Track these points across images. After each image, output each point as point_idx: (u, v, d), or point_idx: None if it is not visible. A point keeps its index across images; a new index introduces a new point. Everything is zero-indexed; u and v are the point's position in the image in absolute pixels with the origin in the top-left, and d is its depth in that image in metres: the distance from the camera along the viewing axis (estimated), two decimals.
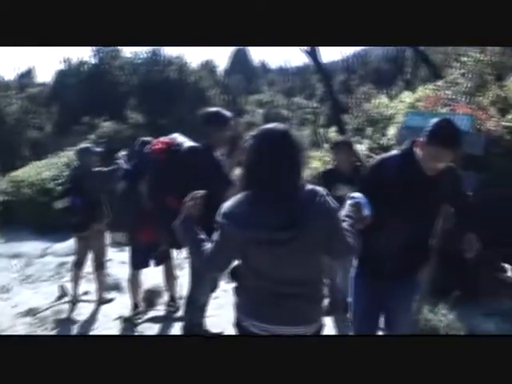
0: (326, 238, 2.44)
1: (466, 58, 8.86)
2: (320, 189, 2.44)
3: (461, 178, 3.30)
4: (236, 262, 2.58)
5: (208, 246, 2.48)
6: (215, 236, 2.46)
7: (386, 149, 8.87)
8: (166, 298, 6.14)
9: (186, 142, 4.40)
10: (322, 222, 2.38)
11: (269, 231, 2.30)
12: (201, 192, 2.66)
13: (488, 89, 7.73)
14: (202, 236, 2.55)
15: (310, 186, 2.44)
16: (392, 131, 8.92)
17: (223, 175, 4.15)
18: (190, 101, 22.96)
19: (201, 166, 4.15)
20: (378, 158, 3.32)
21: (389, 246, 3.16)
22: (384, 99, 11.24)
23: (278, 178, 2.35)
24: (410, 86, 18.71)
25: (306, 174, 2.55)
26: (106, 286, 6.71)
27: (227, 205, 2.44)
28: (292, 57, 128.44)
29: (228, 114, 4.45)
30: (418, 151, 3.08)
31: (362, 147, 9.03)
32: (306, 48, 8.54)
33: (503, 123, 6.29)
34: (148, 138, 5.09)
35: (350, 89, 23.85)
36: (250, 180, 2.43)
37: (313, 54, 8.94)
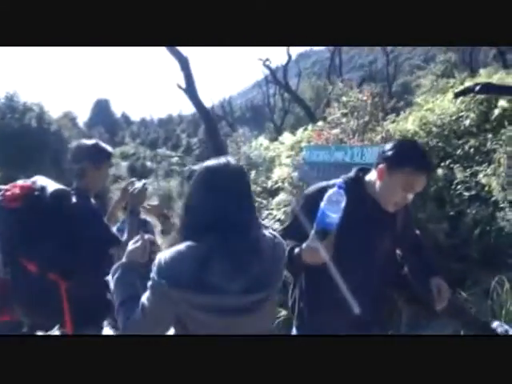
0: None
1: (346, 98, 8.81)
2: (279, 236, 1.98)
3: (411, 213, 2.74)
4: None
5: (136, 310, 1.84)
6: (145, 300, 1.81)
7: (273, 192, 8.52)
8: None
9: (51, 185, 3.35)
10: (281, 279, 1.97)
11: (227, 294, 1.76)
12: (150, 236, 2.15)
13: (374, 126, 7.69)
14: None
15: (269, 232, 1.94)
16: (277, 173, 8.57)
17: (103, 228, 3.20)
18: (53, 151, 21.35)
19: (71, 216, 3.14)
20: (315, 185, 2.64)
21: (339, 295, 2.42)
22: (263, 141, 10.91)
23: (239, 222, 1.81)
24: (280, 132, 18.91)
25: None
26: None
27: (164, 258, 1.79)
28: (154, 108, 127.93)
29: (108, 148, 3.54)
30: (372, 181, 2.48)
31: None
32: (184, 87, 8.20)
33: None
34: (3, 186, 3.95)
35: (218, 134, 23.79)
36: (197, 226, 1.84)
37: (192, 95, 8.48)
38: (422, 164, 2.37)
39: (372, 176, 2.51)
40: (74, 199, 3.17)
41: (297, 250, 2.36)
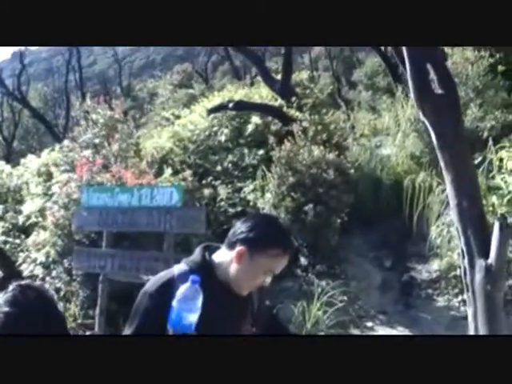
0: None
1: (95, 116, 8.24)
2: None
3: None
4: None
5: None
6: None
7: (26, 230, 7.47)
8: None
9: None
10: None
11: None
12: None
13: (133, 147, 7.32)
14: None
15: None
16: (29, 207, 7.57)
17: None
18: None
19: None
20: (156, 280, 2.18)
21: None
22: (3, 166, 9.59)
23: None
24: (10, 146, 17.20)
25: None
26: None
27: None
28: None
29: None
30: (224, 264, 2.14)
31: None
32: None
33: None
34: None
35: None
36: None
37: None
38: (288, 245, 2.16)
39: (222, 257, 2.17)
40: None
41: None
